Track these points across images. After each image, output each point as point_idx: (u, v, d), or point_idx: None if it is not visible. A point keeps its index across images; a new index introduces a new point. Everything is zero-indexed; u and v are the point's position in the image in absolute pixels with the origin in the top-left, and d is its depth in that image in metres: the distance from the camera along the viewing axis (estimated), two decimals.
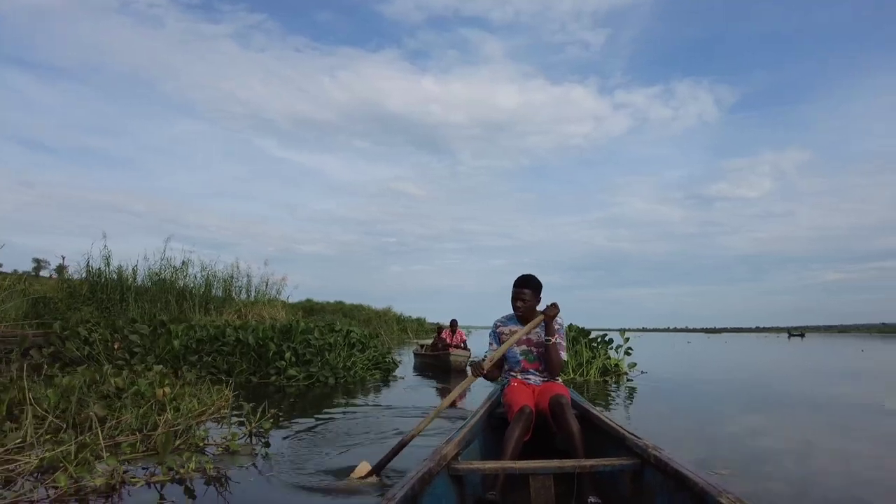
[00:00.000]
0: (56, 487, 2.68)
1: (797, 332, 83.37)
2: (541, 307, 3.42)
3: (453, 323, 11.87)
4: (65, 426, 3.64)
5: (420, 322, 37.73)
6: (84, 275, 16.12)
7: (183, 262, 17.16)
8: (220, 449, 3.73)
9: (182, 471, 3.06)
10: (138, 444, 3.55)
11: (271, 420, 4.32)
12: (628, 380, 9.77)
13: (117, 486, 2.83)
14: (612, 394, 7.90)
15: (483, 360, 3.32)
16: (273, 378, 8.22)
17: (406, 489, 1.84)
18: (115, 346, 8.47)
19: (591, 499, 2.49)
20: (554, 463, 2.43)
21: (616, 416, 5.54)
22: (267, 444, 3.82)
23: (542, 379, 3.39)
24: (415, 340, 28.72)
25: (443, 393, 7.85)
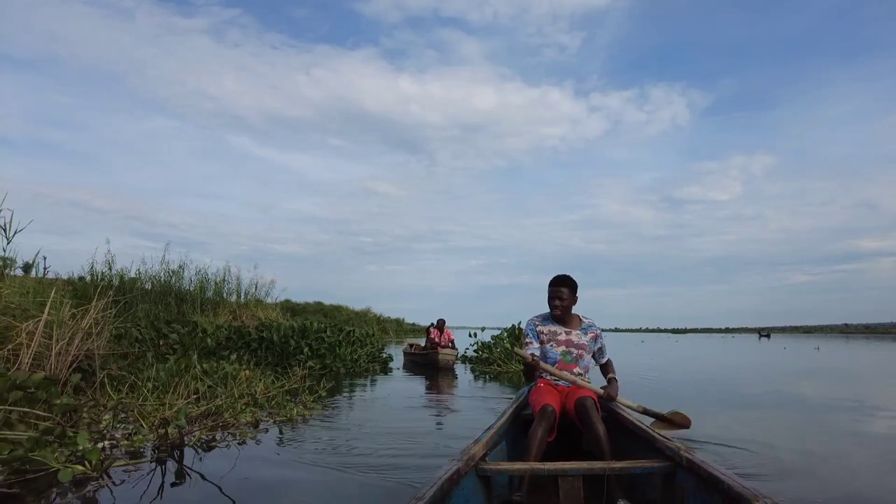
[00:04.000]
0: (218, 424, 4.53)
1: (765, 333, 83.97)
2: (577, 309, 3.51)
3: (441, 323, 12.67)
4: (186, 393, 5.45)
5: (399, 322, 39.38)
6: (88, 277, 17.49)
7: (179, 266, 18.70)
8: (302, 408, 5.59)
9: (290, 415, 4.96)
10: (249, 405, 5.42)
11: (325, 392, 6.22)
12: (517, 355, 11.67)
13: (258, 423, 4.71)
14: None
15: (531, 354, 3.33)
16: (294, 368, 10.05)
17: (435, 489, 1.85)
18: (161, 343, 10.15)
19: (621, 501, 2.45)
20: (583, 464, 2.40)
21: None
22: (324, 408, 5.73)
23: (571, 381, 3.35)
24: (396, 341, 30.07)
25: (432, 384, 9.71)
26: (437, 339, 12.31)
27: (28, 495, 2.83)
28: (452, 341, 12.48)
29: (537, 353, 3.39)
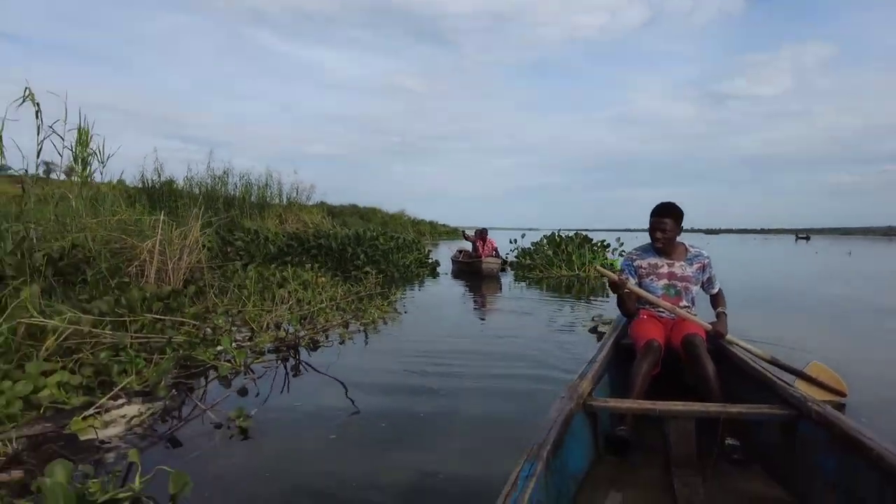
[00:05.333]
0: (315, 327, 5.28)
1: (803, 235, 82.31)
2: (682, 238, 3.33)
3: (483, 231, 12.91)
4: (273, 297, 6.22)
5: (433, 225, 40.23)
6: (140, 184, 18.31)
7: (224, 171, 19.43)
8: (379, 311, 6.33)
9: (372, 317, 5.71)
10: (334, 308, 6.18)
11: (394, 296, 6.98)
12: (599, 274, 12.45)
13: (347, 325, 5.48)
14: (606, 287, 10.57)
15: (627, 279, 3.19)
16: (353, 273, 10.88)
17: (554, 433, 1.88)
18: (228, 250, 11.02)
19: (729, 440, 2.44)
20: (696, 406, 2.34)
21: (609, 305, 8.07)
22: (400, 312, 6.49)
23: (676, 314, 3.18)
24: (432, 244, 30.68)
25: (477, 289, 10.45)
26: (480, 249, 12.67)
27: (194, 386, 3.60)
28: (496, 249, 12.84)
29: (634, 285, 3.20)
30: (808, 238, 72.36)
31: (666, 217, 3.16)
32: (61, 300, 4.16)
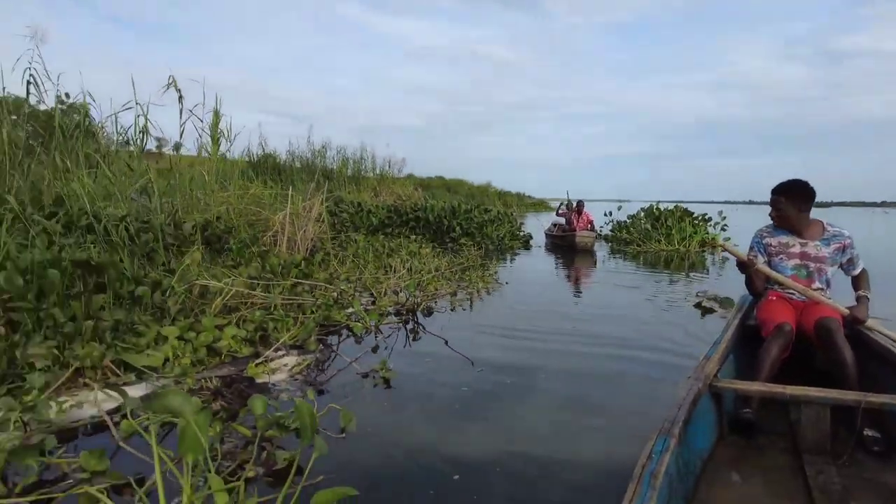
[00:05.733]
0: (427, 294, 5.68)
1: None
2: (820, 216, 3.17)
3: (579, 204, 12.80)
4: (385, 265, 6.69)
5: (520, 196, 40.08)
6: (246, 158, 19.68)
7: (322, 146, 20.52)
8: (483, 282, 6.65)
9: (476, 287, 6.03)
10: (441, 277, 6.57)
11: (495, 267, 7.28)
12: (723, 251, 12.04)
13: (455, 293, 5.84)
14: (707, 262, 10.29)
15: (756, 257, 3.09)
16: (449, 244, 11.31)
17: (684, 412, 1.94)
18: (334, 222, 11.77)
19: (868, 432, 2.32)
20: (832, 394, 2.25)
21: (713, 282, 7.92)
22: (501, 283, 6.78)
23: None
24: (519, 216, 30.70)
25: (569, 263, 10.54)
26: (574, 222, 12.57)
27: (332, 343, 4.08)
28: (591, 223, 12.72)
29: (762, 264, 3.08)
30: None
31: (779, 195, 3.03)
32: (208, 266, 4.79)
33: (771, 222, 3.16)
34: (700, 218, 12.76)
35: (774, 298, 3.06)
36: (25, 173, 5.51)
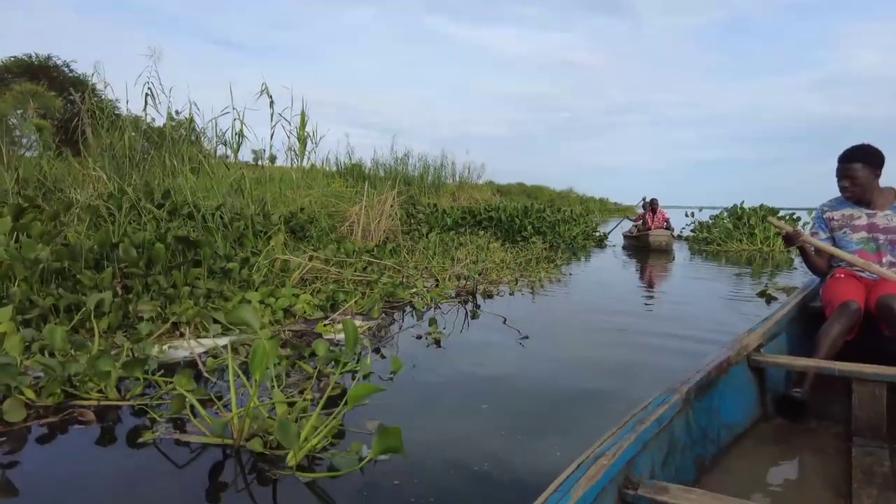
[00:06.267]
0: (489, 281, 5.93)
1: None
2: (886, 183, 2.81)
3: (653, 202, 12.40)
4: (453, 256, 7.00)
5: (603, 202, 39.29)
6: (334, 167, 20.84)
7: (405, 154, 21.34)
8: (545, 273, 6.83)
9: (539, 277, 6.21)
10: (500, 268, 6.81)
11: (561, 260, 7.40)
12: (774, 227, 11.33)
13: (517, 281, 6.05)
14: (794, 262, 9.80)
15: (800, 231, 2.83)
16: (520, 242, 11.48)
17: (701, 375, 1.84)
18: (411, 221, 12.30)
19: None
20: (890, 371, 2.07)
21: (798, 280, 7.59)
22: (565, 274, 6.90)
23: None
24: (602, 221, 30.23)
25: (644, 262, 10.39)
26: (650, 221, 12.20)
27: (395, 316, 4.44)
28: (667, 220, 12.28)
29: (826, 244, 2.82)
30: None
31: (854, 162, 2.70)
32: (292, 250, 5.33)
33: (835, 196, 2.90)
34: (788, 218, 12.09)
35: (843, 276, 2.77)
36: (142, 172, 6.38)
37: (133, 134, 7.04)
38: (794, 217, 12.25)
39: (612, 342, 3.78)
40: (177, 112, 7.64)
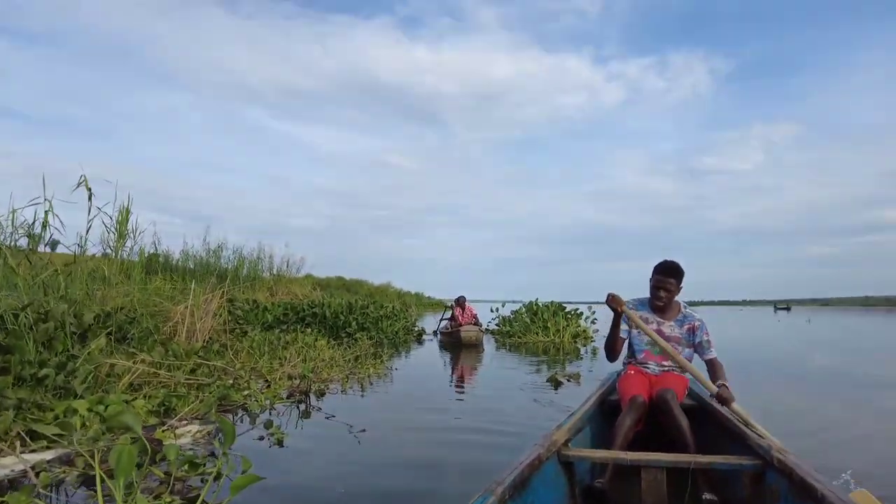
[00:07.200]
0: (320, 379, 6.18)
1: (783, 306, 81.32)
2: (681, 297, 3.27)
3: (461, 299, 13.16)
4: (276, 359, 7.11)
5: (419, 296, 41.03)
6: (136, 257, 19.22)
7: (219, 245, 20.51)
8: (373, 369, 7.23)
9: (368, 373, 6.61)
10: (330, 366, 7.08)
11: (386, 357, 7.90)
12: (592, 341, 13.44)
13: (347, 378, 6.37)
14: (581, 351, 11.52)
15: (630, 308, 3.17)
16: (345, 339, 11.75)
17: (515, 474, 1.91)
18: (229, 319, 11.88)
19: (706, 496, 2.40)
20: (667, 456, 2.35)
21: (583, 367, 8.92)
22: (391, 369, 7.40)
23: (661, 369, 3.22)
24: (417, 317, 31.34)
25: (458, 356, 11.39)
26: (459, 318, 12.91)
27: (232, 419, 4.49)
28: (475, 316, 13.06)
29: (625, 336, 3.26)
30: (788, 309, 71.94)
31: (671, 277, 3.15)
32: (112, 352, 5.07)
33: (637, 297, 3.32)
34: (572, 312, 14.31)
35: (633, 372, 3.20)
36: None
37: None
38: (578, 312, 14.50)
39: (432, 441, 4.09)
40: None
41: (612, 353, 3.33)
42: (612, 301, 3.10)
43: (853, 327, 24.35)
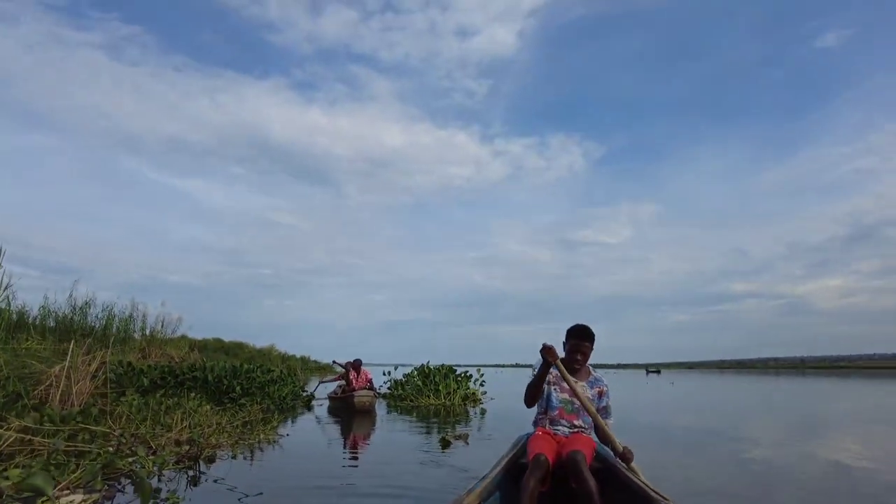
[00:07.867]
0: (192, 444, 5.95)
1: (654, 370, 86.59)
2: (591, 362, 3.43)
3: (357, 362, 12.87)
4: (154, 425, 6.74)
5: (305, 360, 39.58)
6: None
7: (85, 302, 18.80)
8: (264, 435, 7.04)
9: (258, 439, 6.45)
10: (218, 431, 6.81)
11: (276, 423, 7.70)
12: (481, 403, 13.87)
13: (236, 443, 6.17)
14: (470, 413, 11.86)
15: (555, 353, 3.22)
16: (228, 404, 11.18)
17: None
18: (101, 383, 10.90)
19: None
20: None
21: (472, 427, 9.26)
22: (280, 435, 7.24)
23: (571, 430, 3.31)
24: (302, 382, 30.26)
25: (349, 422, 11.27)
26: (353, 382, 12.57)
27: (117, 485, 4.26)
28: (370, 381, 12.88)
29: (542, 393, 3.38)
30: (658, 372, 77.21)
31: (587, 341, 3.31)
32: None
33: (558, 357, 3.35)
34: (462, 375, 14.71)
35: (541, 433, 3.26)
36: None
37: None
38: (468, 374, 14.94)
39: None
40: None
41: (531, 399, 3.42)
42: (548, 353, 3.20)
43: (707, 389, 27.21)
